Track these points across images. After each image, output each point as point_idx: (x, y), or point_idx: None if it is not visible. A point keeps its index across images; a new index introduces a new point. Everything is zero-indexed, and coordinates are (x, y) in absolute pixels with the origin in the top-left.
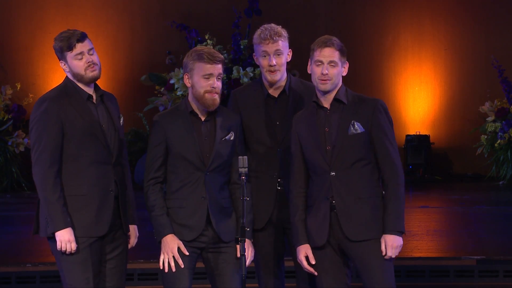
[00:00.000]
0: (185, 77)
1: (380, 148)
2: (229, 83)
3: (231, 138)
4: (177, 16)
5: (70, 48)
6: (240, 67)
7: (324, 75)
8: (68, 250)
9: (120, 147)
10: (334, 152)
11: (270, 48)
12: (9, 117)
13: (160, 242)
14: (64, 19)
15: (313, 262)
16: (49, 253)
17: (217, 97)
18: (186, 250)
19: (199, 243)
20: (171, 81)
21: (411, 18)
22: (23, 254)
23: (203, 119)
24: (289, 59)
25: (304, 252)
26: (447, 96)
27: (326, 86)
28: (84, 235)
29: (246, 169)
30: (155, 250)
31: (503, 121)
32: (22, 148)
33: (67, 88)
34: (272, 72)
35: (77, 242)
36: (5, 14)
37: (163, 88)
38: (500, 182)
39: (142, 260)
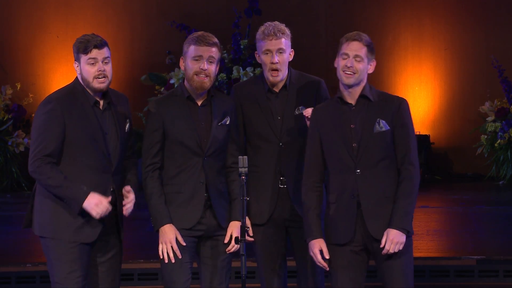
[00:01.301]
0: (181, 61)
1: (401, 146)
2: (229, 83)
3: (227, 123)
4: (177, 16)
5: (86, 51)
6: (240, 67)
7: (349, 67)
8: (103, 211)
9: (121, 156)
10: (360, 150)
11: (273, 45)
12: (9, 117)
13: (157, 231)
14: (64, 19)
15: (327, 257)
16: None
17: (206, 80)
18: (183, 240)
19: (196, 232)
20: (171, 81)
21: (411, 18)
22: (23, 254)
23: (199, 104)
24: (291, 59)
25: (319, 246)
26: (447, 96)
27: (350, 80)
28: (72, 239)
29: (246, 169)
30: (155, 250)
31: (503, 121)
32: (22, 148)
33: (76, 90)
34: (274, 71)
35: (66, 247)
36: (5, 14)
37: (163, 88)
38: (500, 182)
39: (142, 260)
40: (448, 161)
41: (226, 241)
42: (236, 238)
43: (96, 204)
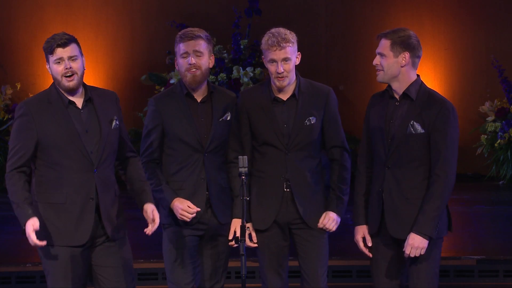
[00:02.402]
0: (175, 62)
1: (435, 150)
2: (229, 83)
3: (228, 118)
4: (177, 16)
5: (51, 52)
6: (240, 67)
7: (375, 65)
8: (32, 244)
9: (105, 153)
10: (392, 147)
11: (277, 55)
12: (9, 117)
13: (170, 210)
14: (64, 19)
15: (369, 244)
16: None
17: (198, 73)
18: (195, 206)
19: (198, 231)
20: (171, 81)
21: (411, 18)
22: (23, 254)
23: (199, 100)
24: (297, 62)
25: (362, 233)
26: (447, 96)
27: (378, 78)
28: (64, 244)
29: (246, 169)
30: (155, 250)
31: (503, 121)
32: None
33: (50, 93)
34: (280, 78)
35: (57, 252)
36: (5, 13)
37: (163, 88)
38: (500, 182)
39: (142, 260)
40: None
41: (230, 237)
42: (236, 238)
43: (27, 235)
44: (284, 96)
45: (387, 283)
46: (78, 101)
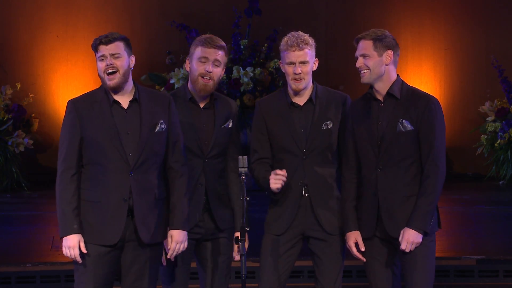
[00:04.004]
0: (186, 62)
1: (425, 145)
2: (229, 83)
3: (229, 126)
4: (177, 16)
5: (95, 49)
6: (240, 67)
7: (359, 67)
8: (72, 256)
9: (144, 156)
10: (382, 147)
11: (295, 56)
12: (9, 117)
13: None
14: (64, 19)
15: (363, 249)
16: (49, 253)
17: (210, 83)
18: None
19: (195, 234)
20: (171, 81)
21: (411, 18)
22: (23, 254)
23: (202, 106)
24: (315, 68)
25: (354, 238)
26: (447, 96)
27: (364, 79)
28: (94, 241)
29: (246, 169)
30: None
31: (503, 121)
32: (22, 148)
33: (98, 92)
34: (297, 80)
35: (87, 250)
36: (5, 13)
37: (163, 88)
38: (500, 182)
39: None
40: (448, 161)
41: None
42: (236, 238)
43: (69, 246)
44: (301, 101)
45: (384, 284)
46: (124, 101)
